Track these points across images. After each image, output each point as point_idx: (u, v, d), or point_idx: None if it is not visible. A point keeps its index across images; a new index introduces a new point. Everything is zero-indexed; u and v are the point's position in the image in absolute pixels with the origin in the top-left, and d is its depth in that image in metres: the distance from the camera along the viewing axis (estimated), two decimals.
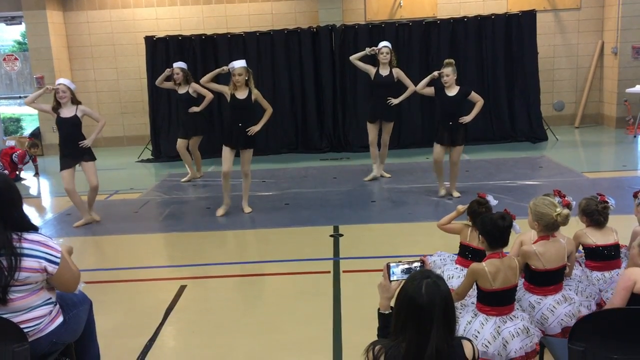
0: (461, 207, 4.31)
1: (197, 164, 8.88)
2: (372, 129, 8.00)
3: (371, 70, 7.79)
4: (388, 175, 8.28)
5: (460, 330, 3.33)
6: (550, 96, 11.60)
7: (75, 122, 6.41)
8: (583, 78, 11.65)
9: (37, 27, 11.20)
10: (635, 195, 4.07)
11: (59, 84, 6.36)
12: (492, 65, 10.50)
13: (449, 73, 6.61)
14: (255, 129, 6.53)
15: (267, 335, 4.05)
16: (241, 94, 6.45)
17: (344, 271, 5.01)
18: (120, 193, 8.27)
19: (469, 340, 2.22)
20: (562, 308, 3.52)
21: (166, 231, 6.54)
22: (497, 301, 3.35)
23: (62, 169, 6.55)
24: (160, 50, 10.57)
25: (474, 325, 3.35)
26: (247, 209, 6.90)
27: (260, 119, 6.61)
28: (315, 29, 10.50)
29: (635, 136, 10.35)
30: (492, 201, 4.13)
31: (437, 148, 6.95)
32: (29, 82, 12.57)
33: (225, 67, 6.58)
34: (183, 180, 8.75)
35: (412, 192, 7.46)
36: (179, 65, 8.39)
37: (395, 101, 7.69)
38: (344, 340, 3.84)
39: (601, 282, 3.91)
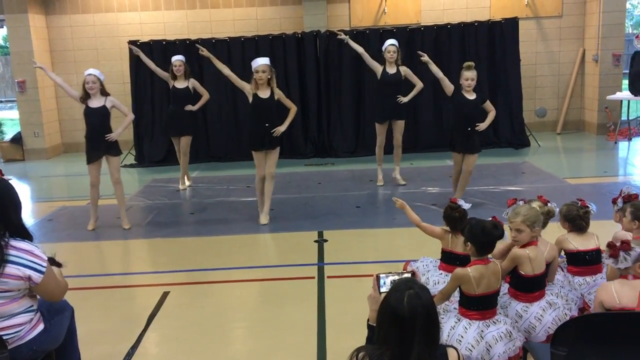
0: (398, 205, 4.43)
1: (183, 171, 8.43)
2: (381, 131, 7.85)
3: (378, 68, 7.67)
4: (403, 182, 7.96)
5: (444, 335, 3.35)
6: (533, 103, 11.72)
7: (103, 112, 6.27)
8: (565, 85, 11.79)
9: (19, 31, 11.08)
10: (614, 202, 4.13)
11: (89, 74, 6.24)
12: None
13: (474, 77, 6.39)
14: (281, 129, 6.32)
15: (251, 342, 4.03)
16: (264, 93, 6.24)
17: (328, 277, 5.01)
18: (102, 198, 8.13)
19: (455, 348, 2.22)
20: (548, 315, 3.54)
21: (149, 237, 6.49)
22: (480, 305, 3.37)
23: (88, 162, 6.46)
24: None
25: (457, 330, 3.36)
26: (265, 219, 6.56)
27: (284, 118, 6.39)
28: (300, 35, 10.52)
29: (615, 142, 10.49)
30: (465, 205, 4.16)
31: (457, 157, 6.69)
32: (10, 86, 12.44)
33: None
34: (185, 185, 8.52)
35: (395, 196, 7.46)
36: (179, 58, 8.11)
37: (404, 99, 7.60)
38: (328, 346, 3.84)
39: (583, 287, 3.95)
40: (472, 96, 6.48)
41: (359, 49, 7.78)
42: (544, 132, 11.62)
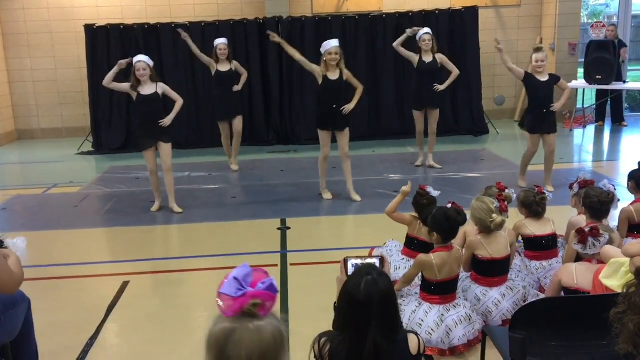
0: (406, 188, 4.35)
1: (235, 152, 8.49)
2: (419, 118, 7.97)
3: (414, 57, 7.76)
4: (439, 167, 8.10)
5: (405, 319, 3.40)
6: (492, 91, 11.90)
7: (155, 98, 6.20)
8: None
9: None
10: (570, 187, 4.25)
11: (139, 61, 6.14)
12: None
13: (543, 58, 6.45)
14: (349, 107, 6.39)
15: None
16: (333, 75, 6.33)
17: (291, 264, 5.01)
18: (59, 187, 7.98)
19: (416, 333, 2.25)
20: (506, 302, 3.62)
21: (108, 226, 6.36)
22: (441, 290, 3.43)
23: (143, 149, 6.42)
24: (101, 39, 10.24)
25: (418, 314, 3.42)
26: (356, 196, 6.71)
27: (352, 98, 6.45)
28: (261, 20, 10.40)
29: (571, 130, 10.76)
30: (433, 192, 4.20)
31: (535, 138, 6.72)
32: None
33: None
34: (235, 169, 8.51)
35: (359, 185, 7.50)
36: (223, 41, 8.08)
37: (441, 87, 7.71)
38: (291, 333, 3.82)
39: (540, 271, 4.06)
40: (544, 77, 6.54)
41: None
42: (502, 119, 11.81)
